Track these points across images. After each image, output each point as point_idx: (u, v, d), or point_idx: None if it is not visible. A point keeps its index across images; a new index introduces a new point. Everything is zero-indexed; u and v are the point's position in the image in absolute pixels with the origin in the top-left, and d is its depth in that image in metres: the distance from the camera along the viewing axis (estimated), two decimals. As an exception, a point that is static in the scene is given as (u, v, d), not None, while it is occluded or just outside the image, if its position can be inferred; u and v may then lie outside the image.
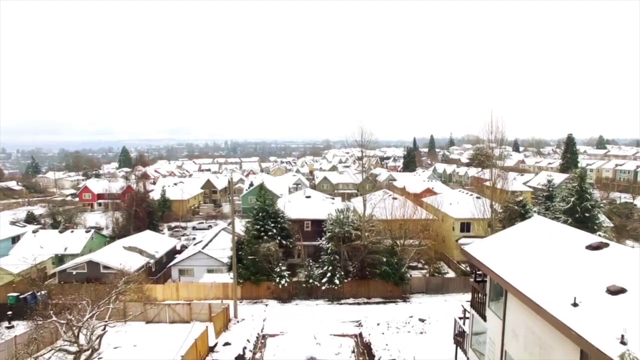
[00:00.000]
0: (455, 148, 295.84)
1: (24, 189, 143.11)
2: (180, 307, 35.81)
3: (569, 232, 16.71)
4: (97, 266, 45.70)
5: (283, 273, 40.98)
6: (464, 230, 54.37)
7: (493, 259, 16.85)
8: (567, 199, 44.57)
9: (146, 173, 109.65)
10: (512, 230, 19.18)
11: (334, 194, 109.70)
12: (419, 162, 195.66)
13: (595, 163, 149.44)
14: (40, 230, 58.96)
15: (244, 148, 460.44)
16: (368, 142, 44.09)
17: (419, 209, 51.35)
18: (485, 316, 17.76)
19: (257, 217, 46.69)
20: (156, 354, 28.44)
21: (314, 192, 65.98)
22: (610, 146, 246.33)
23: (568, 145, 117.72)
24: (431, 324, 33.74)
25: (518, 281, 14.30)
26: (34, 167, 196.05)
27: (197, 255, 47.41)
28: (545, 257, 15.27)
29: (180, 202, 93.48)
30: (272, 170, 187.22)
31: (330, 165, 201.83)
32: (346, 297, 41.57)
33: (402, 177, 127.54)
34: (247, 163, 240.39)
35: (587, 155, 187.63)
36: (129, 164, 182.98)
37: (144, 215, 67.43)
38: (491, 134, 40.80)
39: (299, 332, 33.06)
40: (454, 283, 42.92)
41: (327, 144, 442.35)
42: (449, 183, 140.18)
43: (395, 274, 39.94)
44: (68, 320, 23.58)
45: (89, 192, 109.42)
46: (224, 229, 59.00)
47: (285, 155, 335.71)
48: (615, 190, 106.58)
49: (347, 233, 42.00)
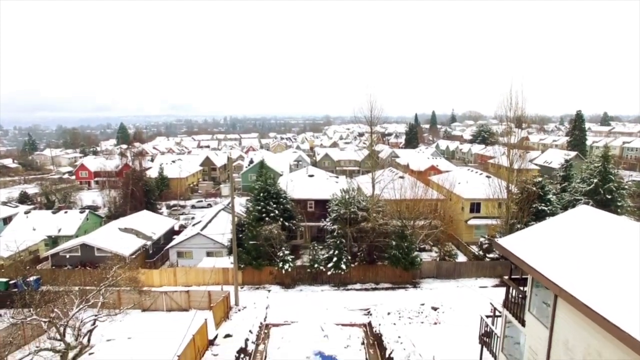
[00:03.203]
0: (457, 124, 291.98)
1: (20, 167, 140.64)
2: (178, 294, 33.77)
3: (629, 225, 14.24)
4: (91, 249, 43.63)
5: (286, 258, 38.85)
6: (473, 210, 52.07)
7: (536, 256, 14.45)
8: (589, 180, 42.04)
9: (143, 150, 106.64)
10: (554, 222, 16.70)
11: (335, 170, 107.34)
12: (421, 139, 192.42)
13: (602, 140, 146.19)
14: (33, 211, 56.71)
15: (244, 124, 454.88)
16: (377, 118, 41.22)
17: (429, 189, 48.90)
18: (524, 321, 15.49)
19: (258, 197, 44.35)
20: (152, 348, 26.46)
21: (317, 171, 63.46)
22: (614, 123, 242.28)
23: (576, 122, 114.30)
24: (445, 312, 31.76)
25: (575, 287, 11.92)
26: (31, 144, 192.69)
27: (196, 237, 45.27)
28: (606, 256, 12.83)
29: (178, 180, 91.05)
30: (272, 146, 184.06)
31: (331, 142, 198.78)
32: (353, 283, 39.60)
33: (404, 153, 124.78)
34: (247, 139, 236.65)
35: (591, 132, 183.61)
36: (127, 141, 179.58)
37: (141, 194, 65.11)
38: (510, 111, 37.85)
39: (304, 321, 31.14)
40: (466, 267, 40.91)
41: (327, 119, 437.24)
42: (452, 160, 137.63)
43: (405, 259, 37.80)
44: (51, 318, 21.36)
45: (85, 170, 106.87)
46: (223, 209, 56.72)
47: (285, 131, 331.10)
48: (622, 167, 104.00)
49: (354, 214, 39.74)
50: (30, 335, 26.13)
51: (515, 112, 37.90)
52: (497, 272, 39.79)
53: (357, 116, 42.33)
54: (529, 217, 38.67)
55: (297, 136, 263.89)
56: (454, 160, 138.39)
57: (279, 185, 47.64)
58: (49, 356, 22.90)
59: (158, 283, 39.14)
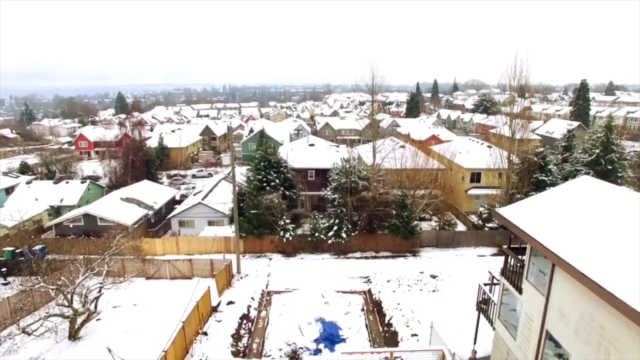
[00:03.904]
0: (459, 93, 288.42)
1: (18, 137, 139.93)
2: (180, 263, 34.34)
3: (630, 196, 14.28)
4: (94, 219, 44.07)
5: (287, 227, 39.25)
6: (473, 180, 52.21)
7: (536, 226, 14.56)
8: (591, 150, 41.84)
9: (142, 120, 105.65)
10: (555, 192, 16.74)
11: (336, 140, 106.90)
12: (423, 108, 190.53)
13: (605, 110, 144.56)
14: (34, 182, 56.82)
15: (243, 93, 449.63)
16: (379, 87, 40.61)
17: (430, 158, 48.84)
18: (521, 289, 15.80)
19: (258, 166, 44.42)
20: (157, 314, 27.18)
21: (318, 140, 63.20)
22: (619, 92, 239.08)
23: (581, 92, 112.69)
24: (443, 280, 32.39)
25: (573, 256, 12.07)
26: (28, 114, 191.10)
27: (197, 207, 45.60)
28: (606, 226, 12.93)
29: (178, 149, 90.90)
30: (272, 115, 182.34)
31: (332, 111, 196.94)
32: (353, 251, 40.18)
33: (405, 123, 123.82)
34: (246, 108, 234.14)
35: (595, 102, 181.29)
36: (126, 111, 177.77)
37: (141, 164, 65.19)
38: (514, 80, 37.19)
39: (305, 288, 31.72)
40: (465, 237, 41.38)
41: (327, 88, 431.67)
42: (453, 130, 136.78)
43: (405, 228, 38.20)
44: (58, 285, 21.84)
45: (84, 140, 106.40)
46: (224, 178, 56.89)
47: (284, 100, 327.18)
48: (625, 138, 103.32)
49: (354, 184, 39.87)
50: (39, 301, 26.76)
51: (519, 80, 37.23)
52: (496, 241, 40.31)
53: (358, 84, 41.75)
54: (529, 188, 38.79)
55: (297, 105, 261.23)
56: (455, 130, 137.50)
57: (279, 154, 47.60)
58: (58, 321, 23.60)
59: (161, 252, 39.72)
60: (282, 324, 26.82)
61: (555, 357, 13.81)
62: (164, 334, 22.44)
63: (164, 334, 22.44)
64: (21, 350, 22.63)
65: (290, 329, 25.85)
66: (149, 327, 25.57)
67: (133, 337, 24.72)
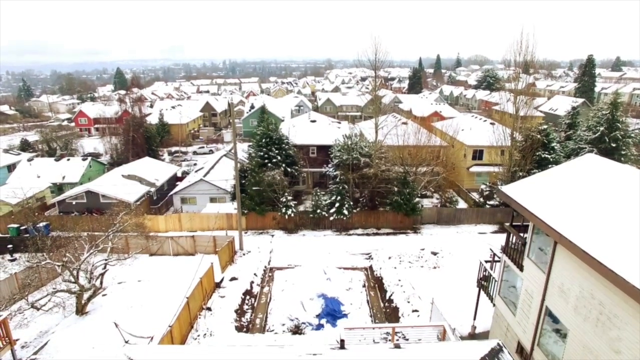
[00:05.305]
0: (462, 69, 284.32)
1: (17, 114, 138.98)
2: (183, 239, 34.67)
3: (634, 173, 14.22)
4: (96, 196, 44.26)
5: (289, 203, 39.40)
6: (475, 158, 52.06)
7: (539, 204, 14.59)
8: (595, 128, 41.44)
9: (142, 96, 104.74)
10: (559, 170, 16.69)
11: (337, 116, 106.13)
12: (425, 84, 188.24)
13: (611, 87, 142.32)
14: (36, 159, 56.79)
15: (243, 68, 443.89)
16: (382, 62, 39.98)
17: (432, 135, 48.55)
18: (522, 266, 15.96)
19: (260, 143, 44.27)
20: (161, 290, 27.63)
21: (319, 116, 62.74)
22: (626, 68, 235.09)
23: (587, 68, 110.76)
24: (444, 257, 32.72)
25: (576, 234, 12.14)
26: (26, 90, 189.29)
27: (199, 184, 45.69)
28: (609, 205, 12.94)
29: (179, 126, 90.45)
30: (272, 91, 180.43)
31: (333, 86, 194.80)
32: (355, 228, 40.45)
33: (407, 99, 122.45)
34: (247, 84, 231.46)
35: (601, 78, 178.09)
36: (125, 87, 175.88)
37: (142, 141, 64.97)
38: (519, 55, 36.54)
39: (307, 265, 32.12)
40: (466, 214, 41.53)
41: (328, 63, 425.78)
42: (456, 106, 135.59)
43: (406, 205, 38.31)
44: (64, 262, 22.12)
45: (84, 117, 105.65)
46: (225, 155, 56.76)
47: (285, 75, 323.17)
48: (630, 115, 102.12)
49: (356, 160, 39.79)
50: (46, 277, 27.20)
51: (525, 56, 36.59)
52: (497, 219, 40.49)
53: (360, 60, 41.17)
54: (532, 165, 38.67)
55: (298, 80, 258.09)
56: (458, 107, 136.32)
57: (280, 130, 47.34)
58: (65, 297, 24.04)
59: (164, 229, 40.02)
60: (284, 299, 27.26)
61: (553, 333, 14.09)
62: (169, 309, 22.89)
63: (169, 309, 22.89)
64: (31, 325, 23.18)
65: (293, 305, 26.30)
66: (154, 303, 26.04)
67: (138, 312, 25.21)
